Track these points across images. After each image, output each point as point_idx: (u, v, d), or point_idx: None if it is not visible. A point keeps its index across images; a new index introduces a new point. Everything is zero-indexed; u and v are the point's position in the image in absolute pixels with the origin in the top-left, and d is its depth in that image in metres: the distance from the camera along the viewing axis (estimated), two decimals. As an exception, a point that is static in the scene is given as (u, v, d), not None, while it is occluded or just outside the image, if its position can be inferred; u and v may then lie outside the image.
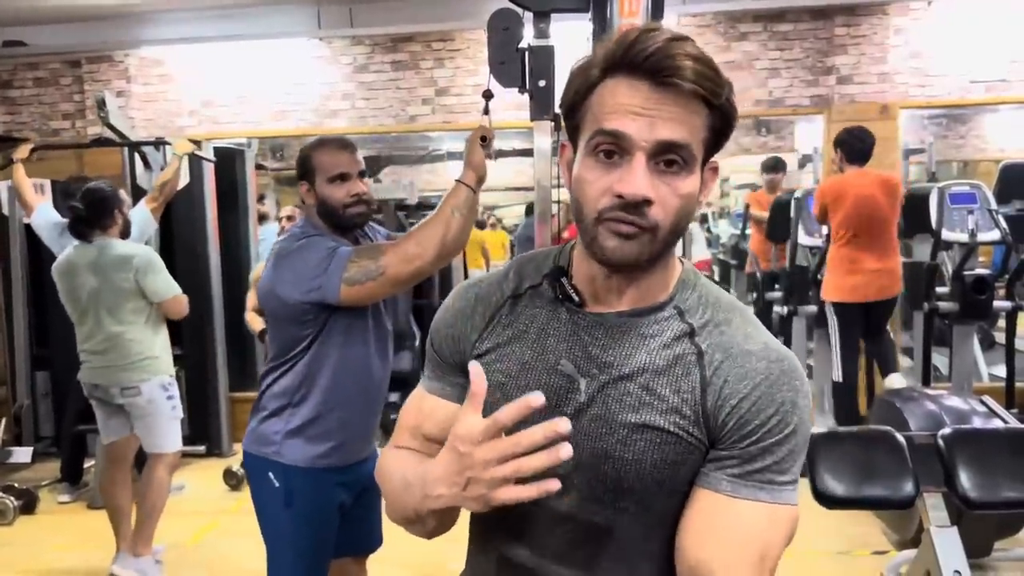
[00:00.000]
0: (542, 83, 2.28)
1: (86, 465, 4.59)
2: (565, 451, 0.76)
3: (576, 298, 0.94)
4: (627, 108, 0.83)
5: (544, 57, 2.28)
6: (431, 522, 0.93)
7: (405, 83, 5.49)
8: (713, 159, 0.90)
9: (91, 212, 3.29)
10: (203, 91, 5.61)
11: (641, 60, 0.82)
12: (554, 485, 0.78)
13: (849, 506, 2.24)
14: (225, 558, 3.72)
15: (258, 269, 4.28)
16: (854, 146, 4.18)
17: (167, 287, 3.32)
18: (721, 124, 0.87)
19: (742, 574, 0.86)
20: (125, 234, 3.38)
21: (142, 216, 3.72)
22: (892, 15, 5.13)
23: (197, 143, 4.53)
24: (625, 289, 0.92)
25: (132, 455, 3.46)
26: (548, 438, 0.76)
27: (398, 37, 5.45)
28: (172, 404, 3.35)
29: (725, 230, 8.93)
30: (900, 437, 2.31)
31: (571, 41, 2.26)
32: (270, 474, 2.00)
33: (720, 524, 0.87)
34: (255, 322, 4.11)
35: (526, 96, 2.34)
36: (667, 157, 0.84)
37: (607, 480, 0.91)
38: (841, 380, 4.33)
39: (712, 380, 0.89)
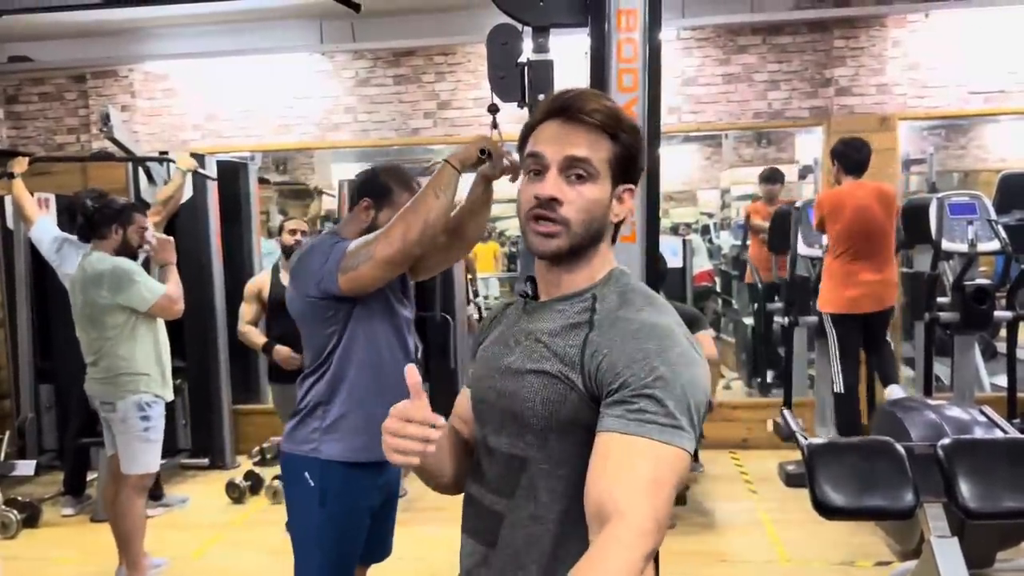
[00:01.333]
0: (542, 97, 2.29)
1: (89, 478, 4.60)
2: (430, 447, 1.06)
3: (531, 293, 1.24)
4: (546, 138, 1.15)
5: (543, 71, 2.30)
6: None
7: (407, 96, 5.53)
8: (628, 184, 1.18)
9: (93, 216, 3.34)
10: (207, 105, 5.66)
11: (558, 106, 1.15)
12: (413, 461, 1.06)
13: (849, 517, 2.25)
14: (228, 571, 3.72)
15: (252, 282, 4.28)
16: (851, 157, 4.20)
17: (147, 293, 3.21)
18: (625, 154, 1.15)
19: (635, 495, 0.99)
20: (124, 253, 3.32)
21: None
22: (890, 27, 5.17)
23: (199, 158, 4.56)
24: (559, 282, 1.19)
25: None
26: (423, 426, 1.06)
27: (400, 51, 5.50)
28: (146, 426, 3.26)
29: (727, 241, 8.91)
30: (900, 447, 2.32)
31: (570, 55, 2.28)
32: (306, 474, 2.06)
33: (613, 457, 1.02)
34: (256, 336, 4.11)
35: (527, 110, 2.35)
36: (575, 170, 1.12)
37: (514, 416, 1.15)
38: (843, 391, 4.34)
39: (592, 338, 1.11)
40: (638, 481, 0.99)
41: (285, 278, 4.03)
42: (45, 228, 3.95)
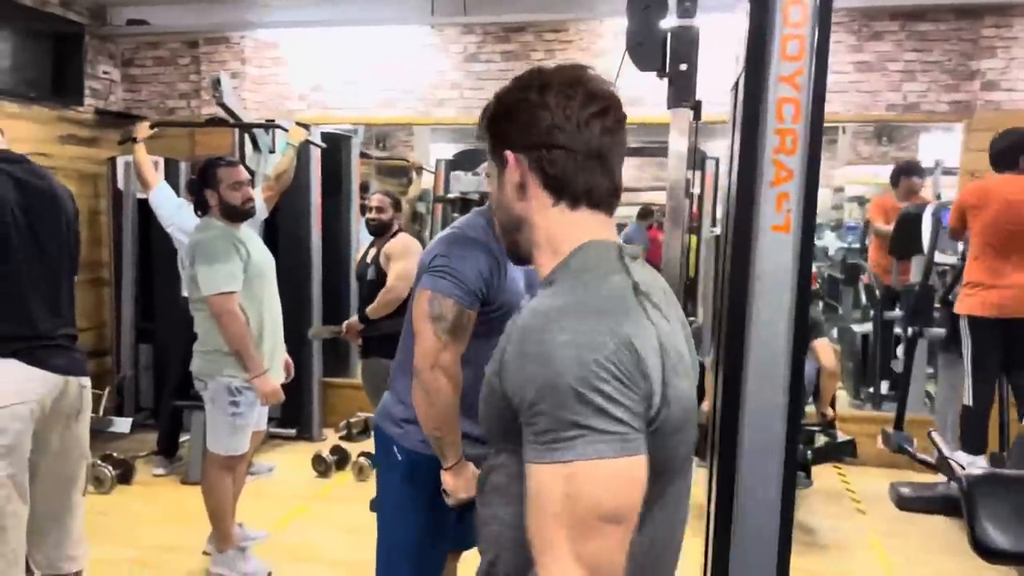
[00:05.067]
0: (683, 67, 2.09)
1: (182, 439, 4.65)
2: None
3: None
4: None
5: (688, 39, 2.10)
6: None
7: (515, 74, 5.33)
8: (505, 149, 1.09)
9: (192, 190, 3.26)
10: (314, 75, 5.63)
11: None
12: None
13: (1014, 561, 1.97)
14: (311, 545, 3.67)
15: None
16: (994, 147, 3.92)
17: (208, 282, 2.95)
18: (492, 131, 1.13)
19: (542, 533, 0.89)
20: (234, 215, 3.10)
21: None
22: (1050, 16, 4.70)
23: (306, 127, 4.51)
24: None
25: None
26: None
27: (510, 27, 5.33)
28: (232, 411, 3.07)
29: (833, 243, 8.46)
30: (1076, 486, 2.03)
31: (716, 25, 2.07)
32: (394, 448, 1.99)
33: (527, 490, 0.92)
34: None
35: (637, 91, 2.15)
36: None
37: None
38: (972, 404, 3.96)
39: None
40: (540, 518, 0.90)
41: (370, 254, 3.96)
42: (166, 194, 3.97)
